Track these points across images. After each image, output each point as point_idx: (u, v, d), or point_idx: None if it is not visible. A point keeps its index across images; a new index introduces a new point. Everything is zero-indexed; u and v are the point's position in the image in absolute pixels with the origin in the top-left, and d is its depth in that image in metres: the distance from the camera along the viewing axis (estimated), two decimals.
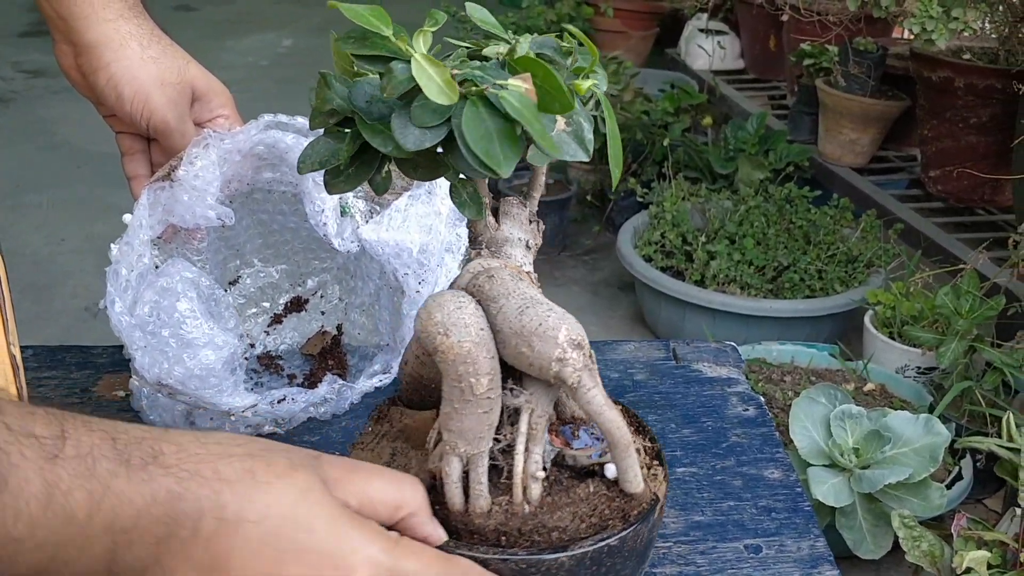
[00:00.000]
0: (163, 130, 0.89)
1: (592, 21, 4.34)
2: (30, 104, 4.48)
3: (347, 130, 0.58)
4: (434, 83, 0.50)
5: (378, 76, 0.55)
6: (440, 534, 0.60)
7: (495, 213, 0.68)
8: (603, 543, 0.61)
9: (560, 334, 0.57)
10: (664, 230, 2.65)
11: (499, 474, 0.64)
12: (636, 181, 2.99)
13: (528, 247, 0.68)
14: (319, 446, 0.96)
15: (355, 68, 0.57)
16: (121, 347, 1.11)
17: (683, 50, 4.11)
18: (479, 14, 0.60)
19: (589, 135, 0.59)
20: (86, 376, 1.07)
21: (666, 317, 2.57)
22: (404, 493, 0.59)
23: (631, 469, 0.63)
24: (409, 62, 0.52)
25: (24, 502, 0.47)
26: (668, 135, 3.17)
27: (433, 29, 0.55)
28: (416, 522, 0.59)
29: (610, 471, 0.65)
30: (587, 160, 0.58)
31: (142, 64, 0.87)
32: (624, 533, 0.63)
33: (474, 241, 0.67)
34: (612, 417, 0.60)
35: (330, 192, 0.61)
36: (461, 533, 0.62)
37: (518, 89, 0.52)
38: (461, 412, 0.59)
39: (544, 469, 0.64)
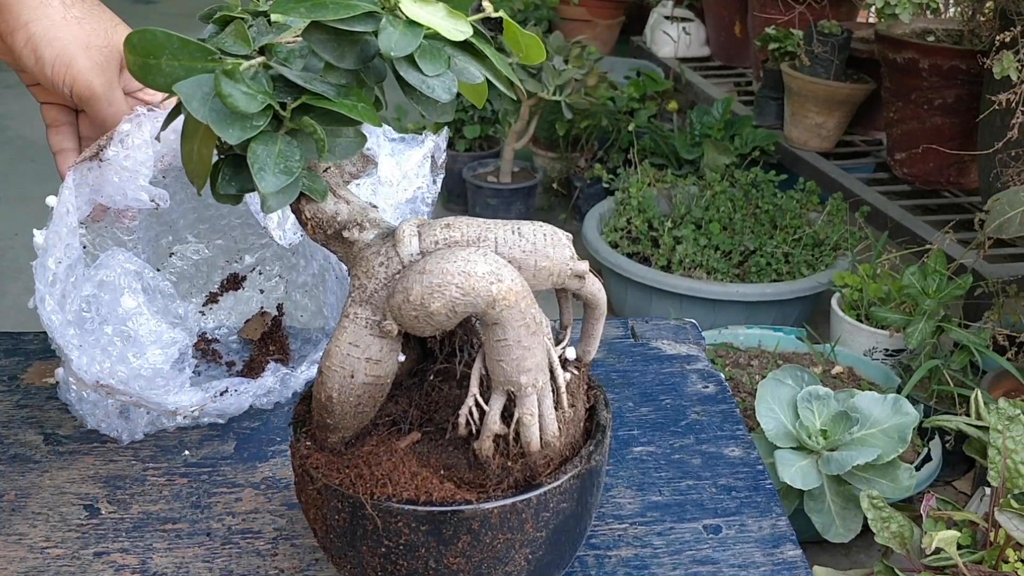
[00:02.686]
0: (88, 97, 0.82)
1: (558, 10, 4.30)
2: None
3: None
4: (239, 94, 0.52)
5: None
6: None
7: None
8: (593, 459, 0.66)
9: (563, 237, 0.64)
10: (630, 216, 2.62)
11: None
12: (602, 167, 2.96)
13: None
14: (260, 432, 0.92)
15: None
16: None
17: (649, 38, 4.08)
18: None
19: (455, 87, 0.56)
20: (15, 363, 1.01)
21: (632, 303, 2.54)
22: None
23: (596, 338, 0.69)
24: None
25: None
26: (634, 121, 3.13)
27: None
28: None
29: (570, 352, 0.68)
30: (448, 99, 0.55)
31: (64, 24, 0.80)
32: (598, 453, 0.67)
33: (348, 224, 0.63)
34: (600, 287, 0.67)
35: (221, 200, 0.58)
36: (540, 470, 0.63)
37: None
38: (531, 348, 0.61)
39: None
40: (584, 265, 0.65)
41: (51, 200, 0.83)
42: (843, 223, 2.55)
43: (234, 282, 0.99)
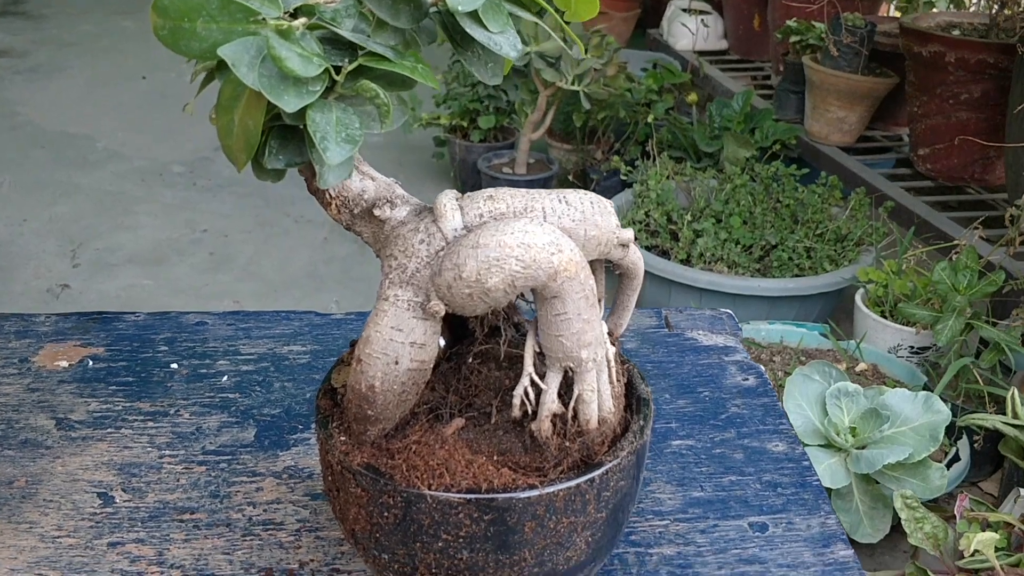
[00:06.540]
0: None
1: None
2: None
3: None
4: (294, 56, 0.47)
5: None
6: None
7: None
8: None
9: (608, 205, 0.61)
10: (648, 209, 2.58)
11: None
12: (620, 159, 2.91)
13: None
14: (281, 420, 0.88)
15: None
16: (67, 315, 1.03)
17: (666, 30, 4.03)
18: None
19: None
20: (26, 345, 0.98)
21: (652, 296, 2.50)
22: None
23: (630, 310, 0.68)
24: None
25: None
26: (652, 113, 3.09)
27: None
28: None
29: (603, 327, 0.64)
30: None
31: None
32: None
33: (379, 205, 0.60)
34: (640, 256, 0.65)
35: (263, 177, 0.54)
36: (596, 449, 0.60)
37: None
38: (590, 320, 0.58)
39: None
40: (630, 233, 0.61)
41: None
42: (866, 218, 2.50)
43: None
